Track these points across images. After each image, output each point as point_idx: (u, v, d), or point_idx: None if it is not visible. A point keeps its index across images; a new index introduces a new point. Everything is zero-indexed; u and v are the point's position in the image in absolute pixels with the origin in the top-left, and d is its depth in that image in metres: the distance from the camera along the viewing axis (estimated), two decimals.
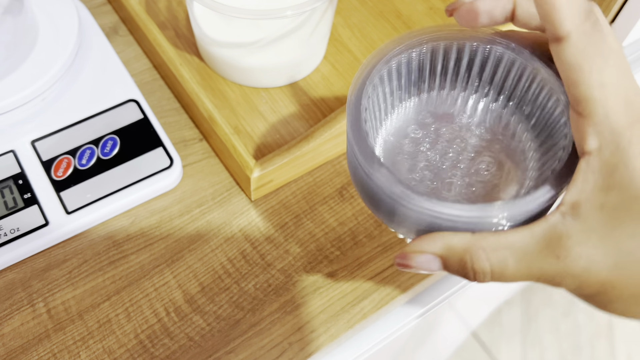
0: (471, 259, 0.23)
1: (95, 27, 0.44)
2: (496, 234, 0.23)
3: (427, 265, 0.24)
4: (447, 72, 0.29)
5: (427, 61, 0.29)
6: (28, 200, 0.37)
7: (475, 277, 0.23)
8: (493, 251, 0.23)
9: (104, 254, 0.37)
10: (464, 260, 0.23)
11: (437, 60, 0.29)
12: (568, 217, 0.22)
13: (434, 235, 0.24)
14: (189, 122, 0.43)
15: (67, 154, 0.38)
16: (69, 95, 0.40)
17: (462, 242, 0.23)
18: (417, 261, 0.24)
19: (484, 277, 0.23)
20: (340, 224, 0.40)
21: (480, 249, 0.23)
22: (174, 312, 0.36)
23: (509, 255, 0.23)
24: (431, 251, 0.24)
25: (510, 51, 0.27)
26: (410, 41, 0.28)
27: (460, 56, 0.29)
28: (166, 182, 0.39)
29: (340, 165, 0.43)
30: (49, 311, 0.35)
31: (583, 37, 0.21)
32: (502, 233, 0.23)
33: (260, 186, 0.39)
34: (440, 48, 0.28)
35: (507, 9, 0.25)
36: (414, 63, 0.28)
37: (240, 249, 0.38)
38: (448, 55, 0.29)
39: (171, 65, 0.42)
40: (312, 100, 0.44)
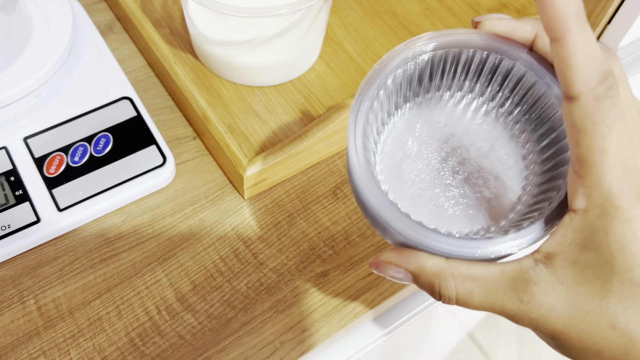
0: (439, 284, 0.24)
1: (89, 24, 0.44)
2: (468, 264, 0.24)
3: (398, 277, 0.26)
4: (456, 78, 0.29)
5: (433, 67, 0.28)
6: (20, 197, 0.36)
7: (441, 299, 0.25)
8: (462, 281, 0.24)
9: (96, 251, 0.37)
10: (432, 282, 0.24)
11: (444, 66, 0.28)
12: (540, 265, 0.23)
13: (409, 253, 0.25)
14: (182, 120, 0.43)
15: (60, 151, 0.38)
16: (62, 92, 0.40)
17: (434, 266, 0.24)
18: (389, 272, 0.26)
19: (449, 301, 0.24)
20: (333, 224, 0.40)
21: (450, 276, 0.24)
22: (165, 311, 0.36)
23: (476, 287, 0.24)
24: (404, 267, 0.25)
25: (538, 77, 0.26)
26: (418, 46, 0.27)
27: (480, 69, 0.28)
28: (159, 180, 0.39)
29: (334, 164, 0.42)
30: (40, 308, 0.35)
31: (593, 101, 0.21)
32: (474, 265, 0.24)
33: (253, 185, 0.39)
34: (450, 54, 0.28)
35: (526, 38, 0.26)
36: (418, 69, 0.28)
37: (232, 248, 0.38)
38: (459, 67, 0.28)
39: (165, 63, 0.42)
40: (307, 99, 0.44)
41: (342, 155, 0.43)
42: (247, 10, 0.36)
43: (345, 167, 0.42)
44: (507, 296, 0.23)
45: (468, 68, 0.28)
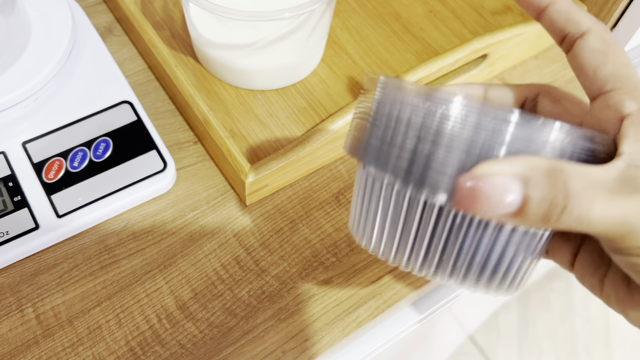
0: (564, 180, 0.19)
1: (89, 26, 0.43)
2: (573, 163, 0.20)
3: (503, 191, 0.19)
4: None
5: None
6: (18, 203, 0.36)
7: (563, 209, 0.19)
8: (580, 178, 0.19)
9: (95, 258, 0.37)
10: (555, 181, 0.19)
11: None
12: (633, 165, 0.20)
13: (510, 157, 0.19)
14: (183, 124, 0.43)
15: (59, 156, 0.37)
16: (61, 96, 0.40)
17: (547, 162, 0.19)
18: (493, 188, 0.19)
19: (572, 208, 0.19)
20: (336, 230, 0.39)
21: (571, 172, 0.19)
22: (166, 319, 0.35)
23: (596, 186, 0.19)
24: (515, 171, 0.19)
25: None
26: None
27: None
28: (159, 185, 0.38)
29: (336, 169, 0.42)
30: (38, 317, 0.34)
31: (602, 29, 0.24)
32: (579, 164, 0.20)
33: (255, 191, 0.39)
34: None
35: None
36: None
37: (234, 255, 0.38)
38: None
39: (166, 67, 0.41)
40: (309, 103, 0.44)
41: (345, 161, 0.42)
42: (249, 14, 0.36)
43: (348, 173, 0.42)
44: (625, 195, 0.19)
45: None
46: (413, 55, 0.47)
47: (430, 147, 0.22)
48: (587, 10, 0.47)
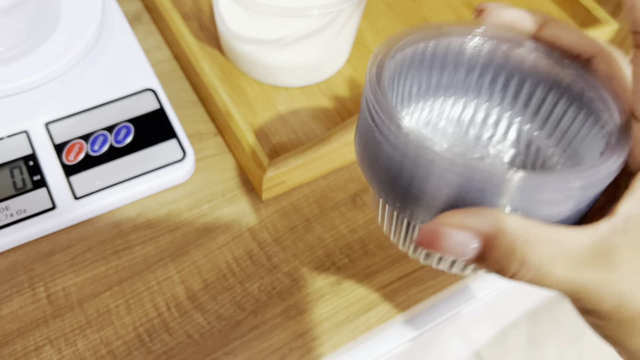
0: (523, 248, 0.19)
1: (118, 12, 0.44)
2: (547, 225, 0.19)
3: (461, 247, 0.19)
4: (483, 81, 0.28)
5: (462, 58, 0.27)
6: (37, 182, 0.36)
7: (517, 272, 0.19)
8: (546, 244, 0.19)
9: (109, 242, 0.37)
10: (514, 247, 0.19)
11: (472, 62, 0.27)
12: (619, 230, 0.20)
13: (480, 209, 0.19)
14: (205, 116, 0.43)
15: (80, 139, 0.38)
16: (86, 80, 0.40)
17: (516, 226, 0.19)
18: (451, 238, 0.19)
19: (527, 272, 0.19)
20: (350, 231, 0.39)
21: (535, 237, 0.19)
22: (175, 308, 0.35)
23: (560, 254, 0.19)
24: (476, 227, 0.19)
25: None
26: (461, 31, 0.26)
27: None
28: (177, 174, 0.38)
29: (355, 171, 0.42)
30: (49, 296, 0.35)
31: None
32: (554, 226, 0.19)
33: (272, 186, 0.39)
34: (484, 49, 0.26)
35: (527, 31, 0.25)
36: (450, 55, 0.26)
37: (247, 249, 0.38)
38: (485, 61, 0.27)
39: (192, 57, 0.41)
40: (332, 102, 0.43)
41: None
42: (279, 9, 0.36)
43: None
44: (590, 265, 0.19)
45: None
46: None
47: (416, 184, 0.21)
48: None
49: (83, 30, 0.40)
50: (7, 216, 0.35)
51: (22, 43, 0.38)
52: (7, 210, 0.35)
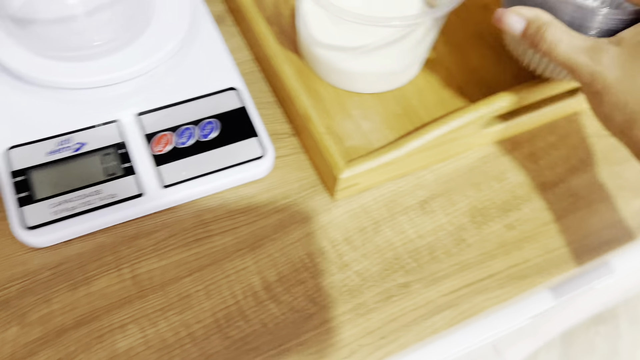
0: (546, 27, 0.34)
1: (206, 13, 0.46)
2: (567, 27, 0.34)
3: (514, 22, 0.35)
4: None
5: None
6: (127, 169, 0.38)
7: (538, 42, 0.34)
8: (560, 31, 0.34)
9: (191, 230, 0.38)
10: (541, 26, 0.34)
11: None
12: (612, 44, 0.33)
13: (533, 7, 0.35)
14: (282, 116, 0.44)
15: (168, 131, 0.40)
16: (175, 75, 0.42)
17: (547, 17, 0.35)
18: (510, 17, 0.35)
19: (543, 43, 0.34)
20: (419, 237, 0.40)
21: (554, 25, 0.34)
22: (251, 297, 0.37)
23: (566, 39, 0.33)
24: (525, 14, 0.35)
25: None
26: None
27: None
28: (257, 171, 0.40)
29: (423, 178, 0.43)
30: (134, 277, 0.37)
31: None
32: (572, 32, 0.34)
33: (345, 187, 0.40)
34: None
35: None
36: None
37: (319, 246, 0.39)
38: None
39: (274, 60, 0.43)
40: (404, 110, 0.45)
41: (433, 170, 0.43)
42: (362, 17, 0.37)
43: (435, 183, 0.43)
44: (583, 53, 0.33)
45: None
46: (511, 77, 0.47)
47: None
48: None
49: (175, 28, 0.42)
50: (98, 200, 0.37)
51: (117, 38, 0.41)
52: (98, 194, 0.37)
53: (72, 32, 0.40)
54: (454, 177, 0.43)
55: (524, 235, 0.41)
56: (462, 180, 0.43)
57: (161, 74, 0.42)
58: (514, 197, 0.43)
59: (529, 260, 0.40)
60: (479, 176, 0.43)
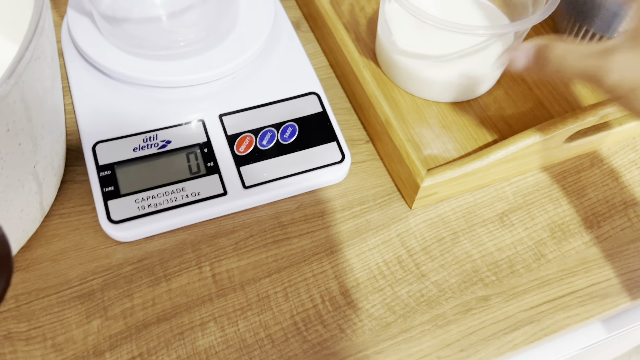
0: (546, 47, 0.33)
1: (285, 19, 0.46)
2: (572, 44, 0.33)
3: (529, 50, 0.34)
4: None
5: None
6: (210, 168, 0.39)
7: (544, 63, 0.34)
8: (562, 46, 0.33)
9: (270, 232, 0.39)
10: (547, 46, 0.33)
11: None
12: (626, 39, 0.31)
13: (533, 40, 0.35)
14: (358, 123, 0.44)
15: (250, 133, 0.40)
16: (256, 79, 0.42)
17: (545, 39, 0.34)
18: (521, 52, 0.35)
19: (548, 62, 0.33)
20: (498, 250, 0.39)
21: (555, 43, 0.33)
22: (329, 302, 0.36)
23: (572, 51, 0.32)
24: (523, 46, 0.35)
25: None
26: None
27: None
28: (335, 176, 0.40)
29: (502, 190, 0.42)
30: (214, 276, 0.37)
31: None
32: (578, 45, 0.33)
33: (425, 196, 0.40)
34: None
35: None
36: None
37: (396, 254, 0.39)
38: None
39: (354, 66, 0.43)
40: (482, 121, 0.44)
41: (512, 183, 0.42)
42: (449, 24, 0.37)
43: (514, 196, 0.42)
44: (596, 58, 0.31)
45: None
46: (589, 91, 0.46)
47: None
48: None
49: (257, 32, 0.42)
50: (182, 197, 0.38)
51: (202, 40, 0.41)
52: (183, 192, 0.38)
53: (161, 30, 0.41)
54: (534, 190, 0.42)
55: (605, 253, 0.40)
56: (542, 194, 0.42)
57: (243, 76, 0.42)
58: (594, 214, 0.42)
59: (611, 279, 0.39)
60: (558, 191, 0.42)
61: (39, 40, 0.28)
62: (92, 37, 0.41)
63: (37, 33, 0.27)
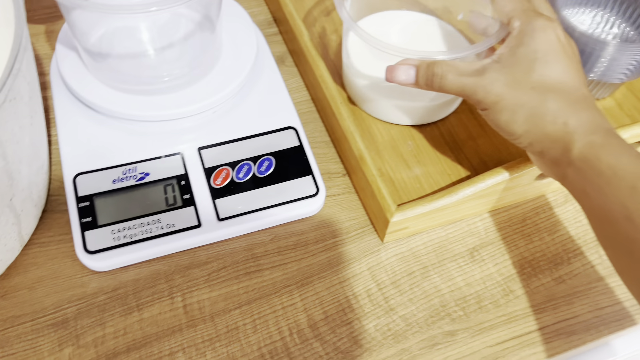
0: (433, 66, 0.37)
1: (268, 54, 0.48)
2: (453, 62, 0.37)
3: (406, 71, 0.38)
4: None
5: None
6: (186, 200, 0.40)
7: (432, 79, 0.37)
8: (445, 66, 0.37)
9: (242, 264, 0.40)
10: (429, 66, 0.37)
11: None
12: (494, 61, 0.37)
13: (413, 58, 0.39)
14: (336, 156, 0.46)
15: (227, 166, 0.41)
16: (237, 112, 0.44)
17: (430, 60, 0.38)
18: (401, 69, 0.39)
19: (435, 77, 0.37)
20: (467, 285, 0.40)
21: (440, 62, 0.37)
22: (297, 334, 0.37)
23: (452, 70, 0.37)
24: (411, 62, 0.39)
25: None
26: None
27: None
28: (309, 208, 0.41)
29: (474, 225, 0.43)
30: (185, 307, 0.38)
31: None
32: (457, 62, 0.37)
33: (395, 230, 0.40)
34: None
35: None
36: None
37: (365, 287, 0.39)
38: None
39: (332, 102, 0.44)
40: (457, 157, 0.45)
41: (484, 218, 0.43)
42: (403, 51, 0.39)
43: (486, 231, 0.43)
44: (471, 75, 0.36)
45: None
46: None
47: None
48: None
49: (239, 67, 0.44)
50: (158, 228, 0.39)
51: (186, 75, 0.43)
52: (158, 223, 0.39)
53: (144, 66, 0.42)
54: (506, 226, 0.43)
55: (574, 290, 0.40)
56: (514, 230, 0.43)
57: (224, 110, 0.44)
58: (564, 250, 0.42)
59: (578, 317, 0.39)
60: (531, 227, 0.43)
61: (14, 82, 0.29)
62: (78, 72, 0.42)
63: (12, 75, 0.29)
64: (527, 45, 0.36)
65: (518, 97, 0.35)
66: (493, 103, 0.35)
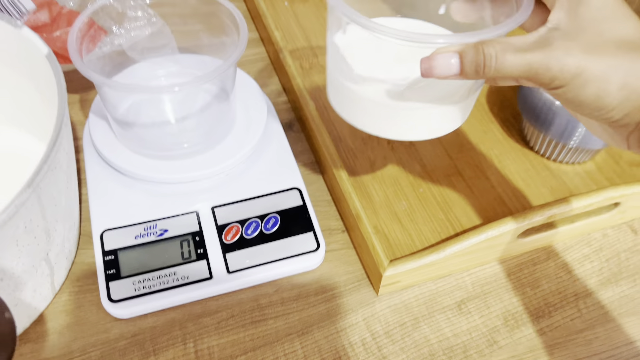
0: (482, 47, 0.30)
1: (277, 121, 0.53)
2: (504, 39, 0.31)
3: (447, 61, 0.31)
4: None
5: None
6: (200, 255, 0.44)
7: (484, 63, 0.30)
8: (498, 43, 0.30)
9: (249, 313, 0.44)
10: (478, 48, 0.31)
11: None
12: (552, 28, 0.31)
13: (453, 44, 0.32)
14: (336, 214, 0.50)
15: (237, 223, 0.46)
16: (247, 175, 0.49)
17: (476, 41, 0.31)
18: (442, 59, 0.31)
19: (490, 60, 0.30)
20: (454, 335, 0.44)
21: (488, 41, 0.31)
22: None
23: (509, 47, 0.30)
24: (452, 49, 0.31)
25: None
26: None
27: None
28: (310, 263, 0.45)
29: (462, 280, 0.47)
30: (197, 352, 0.42)
31: None
32: (508, 38, 0.31)
33: (388, 284, 0.44)
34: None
35: None
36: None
37: (361, 337, 0.43)
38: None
39: (334, 167, 0.49)
40: (446, 216, 0.49)
41: (472, 273, 0.47)
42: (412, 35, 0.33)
43: (473, 285, 0.46)
44: (536, 50, 0.30)
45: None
46: (548, 191, 0.51)
47: None
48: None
49: (251, 134, 0.49)
50: (173, 280, 0.43)
51: (203, 142, 0.48)
52: (174, 275, 0.43)
53: (166, 134, 0.48)
54: (491, 281, 0.47)
55: (555, 341, 0.44)
56: (499, 284, 0.46)
57: (236, 173, 0.49)
58: (546, 304, 0.46)
59: None
60: (514, 282, 0.47)
61: (56, 155, 0.35)
62: (107, 138, 0.48)
63: (55, 149, 0.34)
64: (588, 4, 0.30)
65: (605, 61, 0.29)
66: (573, 77, 0.29)
